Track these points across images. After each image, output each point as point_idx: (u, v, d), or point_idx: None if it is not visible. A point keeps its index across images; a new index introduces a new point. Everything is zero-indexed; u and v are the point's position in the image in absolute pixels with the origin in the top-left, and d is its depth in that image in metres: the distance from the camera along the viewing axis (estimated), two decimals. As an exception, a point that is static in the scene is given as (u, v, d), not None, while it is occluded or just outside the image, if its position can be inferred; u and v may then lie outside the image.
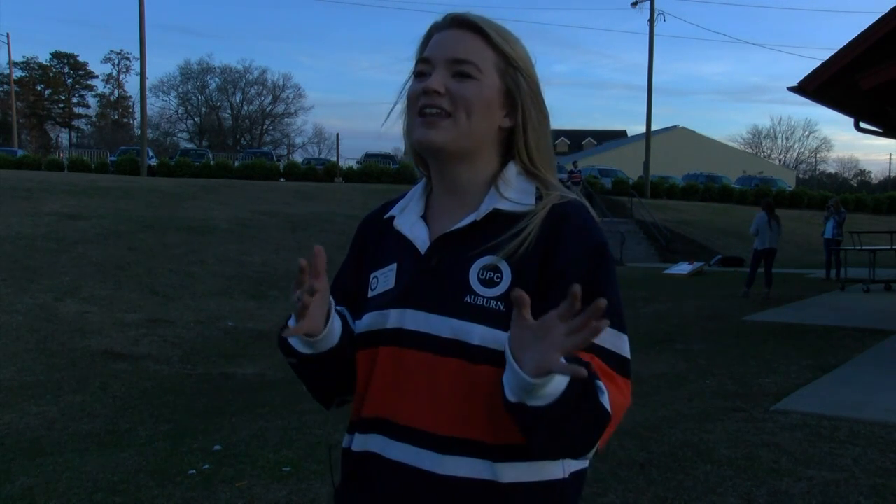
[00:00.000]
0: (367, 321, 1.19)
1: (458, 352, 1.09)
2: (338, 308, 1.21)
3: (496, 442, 1.08)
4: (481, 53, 1.16)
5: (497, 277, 1.11)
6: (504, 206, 1.15)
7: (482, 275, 1.12)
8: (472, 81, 1.15)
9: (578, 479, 1.17)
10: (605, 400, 1.01)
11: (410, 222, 1.22)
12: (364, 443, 1.18)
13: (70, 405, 5.57)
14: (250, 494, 3.74)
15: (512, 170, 1.20)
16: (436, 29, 1.21)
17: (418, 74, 1.19)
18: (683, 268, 16.28)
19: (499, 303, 1.10)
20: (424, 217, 1.23)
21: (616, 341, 1.10)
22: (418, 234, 1.20)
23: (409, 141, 1.22)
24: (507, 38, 1.19)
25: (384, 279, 1.21)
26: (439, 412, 1.10)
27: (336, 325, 1.17)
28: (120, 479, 3.99)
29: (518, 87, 1.18)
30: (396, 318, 1.15)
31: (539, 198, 1.17)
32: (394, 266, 1.21)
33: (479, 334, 1.09)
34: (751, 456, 4.26)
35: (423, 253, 1.18)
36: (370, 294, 1.22)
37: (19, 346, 7.39)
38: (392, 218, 1.26)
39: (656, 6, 33.36)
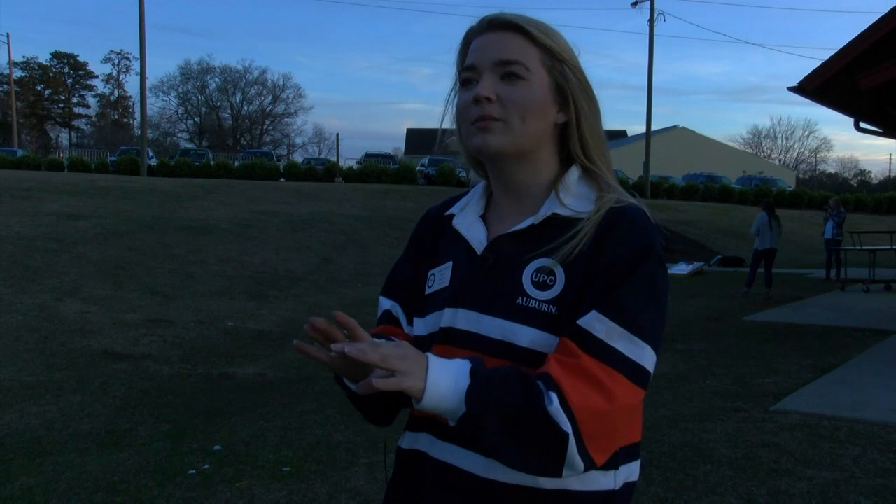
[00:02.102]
0: (425, 325, 1.19)
1: (506, 353, 1.08)
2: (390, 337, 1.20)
3: None
4: (526, 52, 1.14)
5: (550, 280, 1.10)
6: (562, 211, 1.14)
7: (536, 277, 1.11)
8: (522, 83, 1.13)
9: (629, 489, 1.15)
10: (555, 411, 0.98)
11: (468, 221, 1.22)
12: (413, 440, 1.19)
13: (70, 405, 5.57)
14: (250, 494, 3.75)
15: (574, 174, 1.18)
16: (473, 34, 1.19)
17: (465, 82, 1.17)
18: (683, 268, 16.27)
19: (551, 306, 1.08)
20: (484, 217, 1.23)
21: (628, 345, 1.04)
22: (475, 234, 1.20)
23: (465, 149, 1.22)
24: (547, 33, 1.17)
25: (440, 277, 1.21)
26: None
27: None
28: (120, 479, 3.99)
29: (567, 80, 1.16)
30: (449, 317, 1.15)
31: (598, 204, 1.15)
32: (450, 264, 1.21)
33: (528, 337, 1.08)
34: (751, 456, 4.26)
35: (479, 253, 1.17)
36: (427, 291, 1.22)
37: (19, 346, 7.39)
38: (452, 216, 1.25)
39: (656, 6, 33.39)
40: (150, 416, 5.28)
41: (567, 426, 0.98)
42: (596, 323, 1.04)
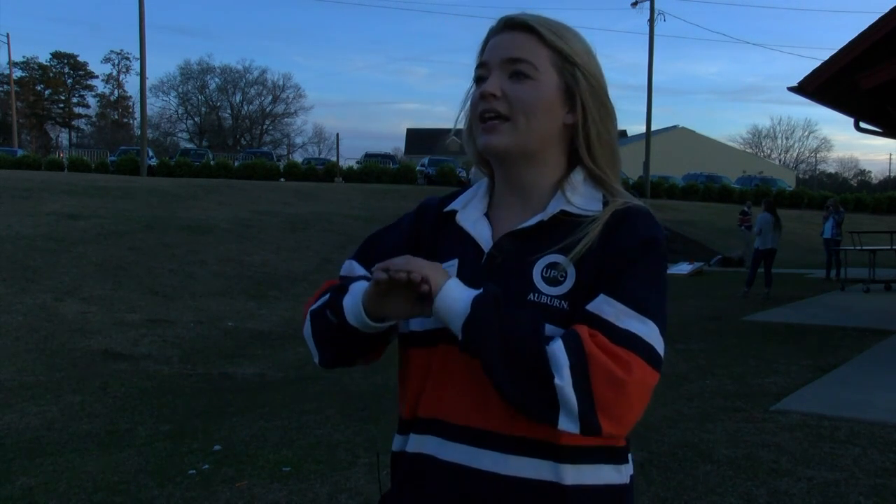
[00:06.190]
0: (422, 321, 1.17)
1: None
2: None
3: (565, 442, 1.08)
4: (536, 52, 1.16)
5: (561, 276, 1.11)
6: (570, 209, 1.16)
7: (546, 273, 1.12)
8: (529, 81, 1.15)
9: (633, 480, 1.18)
10: (556, 350, 1.01)
11: (473, 219, 1.23)
12: (419, 444, 1.16)
13: (70, 405, 5.57)
14: (250, 494, 3.75)
15: (578, 175, 1.20)
16: (491, 34, 1.21)
17: (478, 80, 1.20)
18: (683, 268, 16.28)
19: (563, 301, 1.10)
20: (487, 215, 1.23)
21: (637, 325, 1.06)
22: (482, 232, 1.20)
23: (473, 146, 1.24)
24: (561, 35, 1.18)
25: None
26: (503, 411, 1.08)
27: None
28: (120, 479, 3.99)
29: (577, 82, 1.18)
30: None
31: (605, 204, 1.17)
32: (455, 262, 1.20)
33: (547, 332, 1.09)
34: (751, 456, 4.26)
35: (486, 251, 1.18)
36: None
37: (19, 346, 7.39)
38: (453, 212, 1.25)
39: (656, 6, 33.36)
40: (150, 416, 5.28)
41: (562, 372, 1.00)
42: (604, 306, 1.06)
